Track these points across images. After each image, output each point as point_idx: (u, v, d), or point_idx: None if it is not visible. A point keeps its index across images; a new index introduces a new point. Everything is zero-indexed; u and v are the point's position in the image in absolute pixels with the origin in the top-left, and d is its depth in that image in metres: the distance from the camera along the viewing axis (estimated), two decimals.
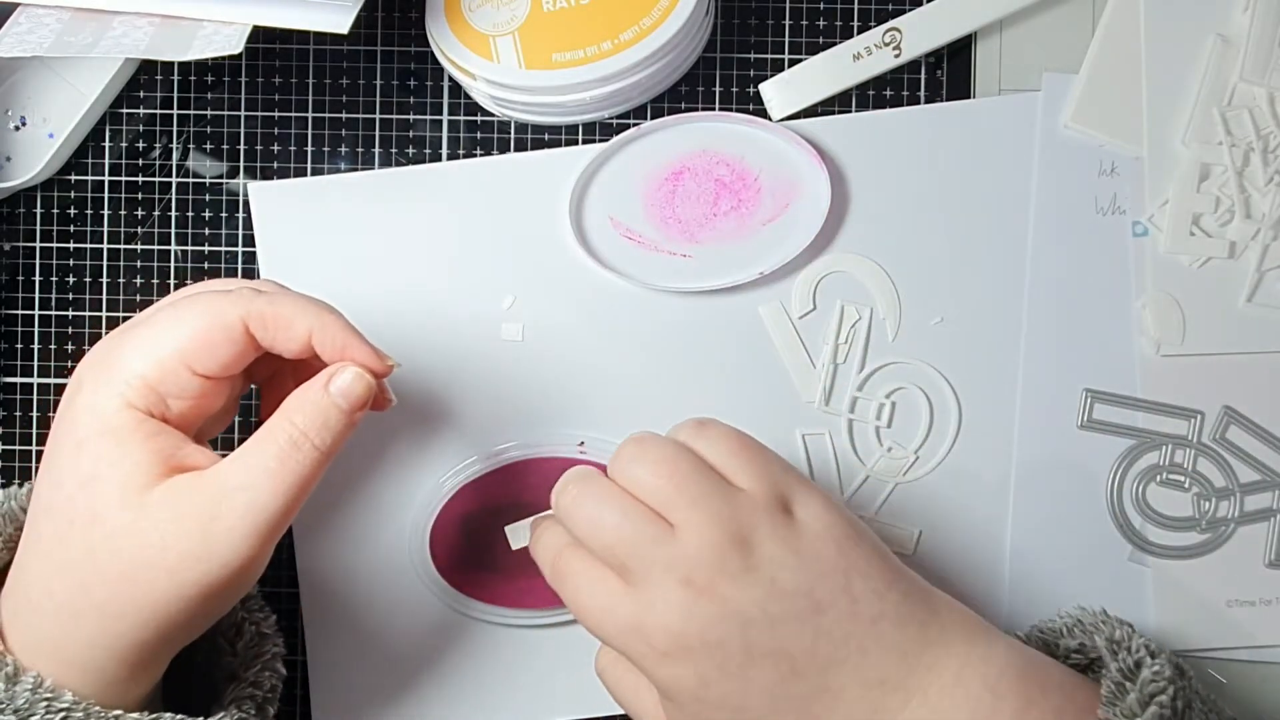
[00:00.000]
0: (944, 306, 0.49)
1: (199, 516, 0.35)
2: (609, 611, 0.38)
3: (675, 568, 0.36)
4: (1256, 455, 0.48)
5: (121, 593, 0.35)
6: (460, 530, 0.47)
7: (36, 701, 0.35)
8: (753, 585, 0.36)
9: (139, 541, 0.35)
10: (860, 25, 0.49)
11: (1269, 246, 0.48)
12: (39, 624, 0.36)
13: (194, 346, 0.36)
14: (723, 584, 0.36)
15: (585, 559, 0.38)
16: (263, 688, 0.41)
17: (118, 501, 0.35)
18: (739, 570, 0.36)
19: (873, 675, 0.36)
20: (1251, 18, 0.47)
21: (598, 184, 0.48)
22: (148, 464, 0.35)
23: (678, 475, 0.37)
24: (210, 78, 0.49)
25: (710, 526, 0.37)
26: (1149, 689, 0.37)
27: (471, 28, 0.46)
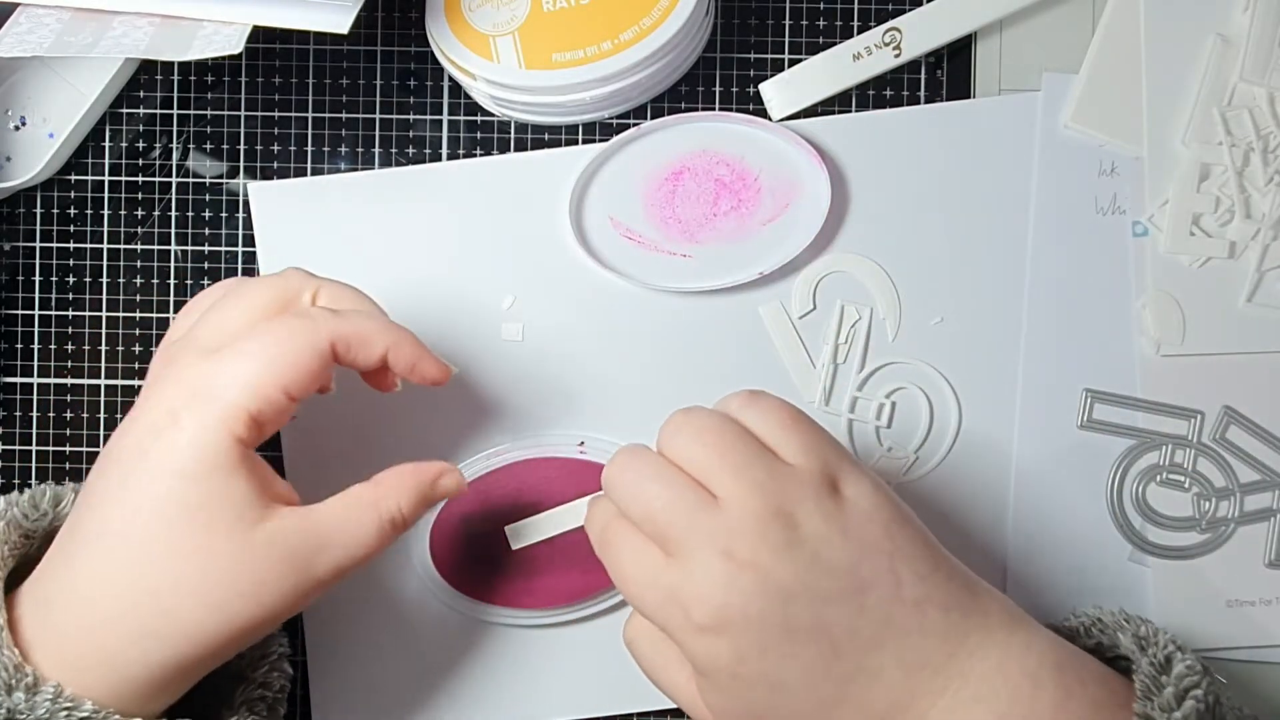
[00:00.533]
0: (944, 306, 0.49)
1: (300, 562, 0.37)
2: (650, 582, 0.37)
3: (716, 538, 0.36)
4: (1256, 455, 0.48)
5: (209, 619, 0.36)
6: (460, 530, 0.47)
7: (57, 711, 0.35)
8: (796, 560, 0.36)
9: (244, 574, 0.36)
10: (860, 25, 0.49)
11: (1269, 246, 0.48)
12: (75, 638, 0.36)
13: (293, 374, 0.37)
14: (765, 557, 0.36)
15: (629, 530, 0.38)
16: (272, 688, 0.41)
17: (226, 534, 0.36)
18: (782, 544, 0.36)
19: (913, 658, 0.36)
20: (1251, 18, 0.47)
21: (598, 184, 0.48)
22: (254, 497, 0.36)
23: (722, 445, 0.37)
24: (210, 78, 0.49)
25: (753, 497, 0.36)
26: (1184, 683, 0.36)
27: (471, 28, 0.46)
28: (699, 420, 0.38)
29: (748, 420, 0.38)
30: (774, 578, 0.36)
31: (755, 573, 0.36)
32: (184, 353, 0.38)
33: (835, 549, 0.36)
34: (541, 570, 0.47)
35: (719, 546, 0.36)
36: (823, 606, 0.36)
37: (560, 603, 0.47)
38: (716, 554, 0.36)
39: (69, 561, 0.37)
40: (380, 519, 0.38)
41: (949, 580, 0.37)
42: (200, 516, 0.36)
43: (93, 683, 0.36)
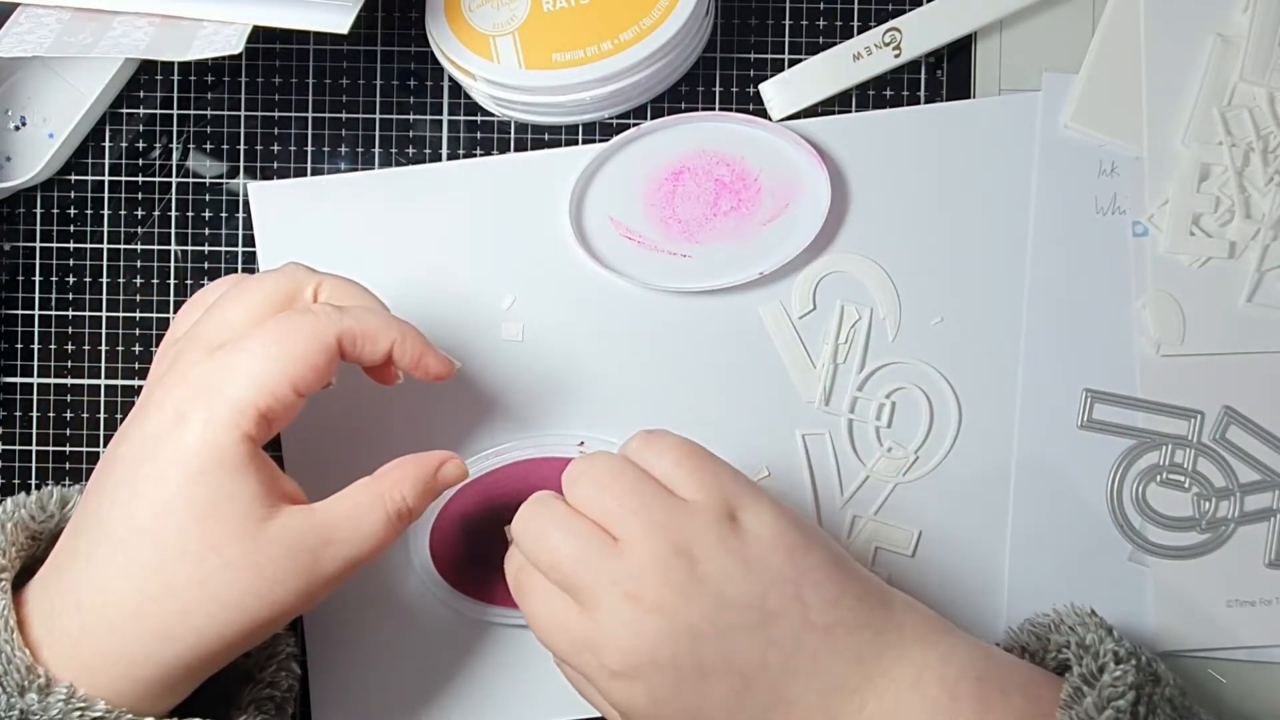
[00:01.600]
0: (944, 306, 0.49)
1: (308, 559, 0.37)
2: (561, 629, 0.37)
3: (621, 583, 0.36)
4: (1256, 455, 0.48)
5: (220, 616, 0.36)
6: (460, 530, 0.47)
7: (70, 711, 0.35)
8: (700, 598, 0.36)
9: (254, 572, 0.36)
10: (860, 25, 0.49)
11: (1269, 246, 0.48)
12: (86, 639, 0.36)
13: (302, 370, 0.37)
14: (669, 598, 0.36)
15: (539, 579, 0.39)
16: (280, 687, 0.41)
17: (236, 533, 0.36)
18: (685, 583, 0.36)
19: (828, 683, 0.36)
20: (1251, 18, 0.47)
21: (598, 184, 0.48)
22: (262, 496, 0.36)
23: (619, 488, 0.37)
24: (210, 78, 0.49)
25: (652, 539, 0.37)
26: (1107, 693, 0.37)
27: (471, 28, 0.46)
28: (599, 466, 0.38)
29: (646, 461, 0.39)
30: (680, 619, 0.36)
31: (661, 616, 0.36)
32: (189, 350, 0.38)
33: (738, 583, 0.36)
34: None
35: (623, 590, 0.36)
36: (731, 642, 0.36)
37: None
38: (622, 598, 0.36)
39: (78, 563, 0.37)
40: (386, 512, 0.38)
41: (859, 601, 0.37)
42: (210, 516, 0.36)
43: (104, 684, 0.36)
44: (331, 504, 0.38)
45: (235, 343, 0.37)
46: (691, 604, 0.36)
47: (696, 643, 0.36)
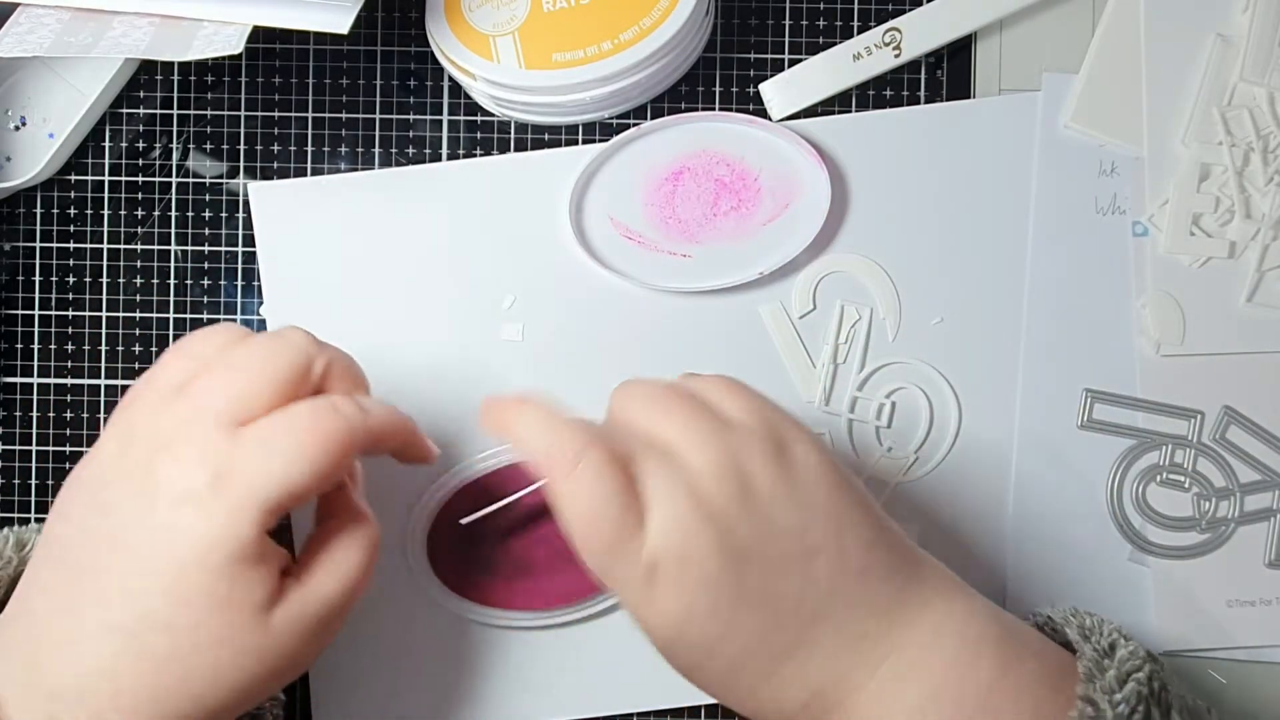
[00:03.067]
0: (944, 306, 0.49)
1: (319, 631, 0.37)
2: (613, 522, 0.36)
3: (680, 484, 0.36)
4: (1256, 455, 0.48)
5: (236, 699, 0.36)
6: (457, 532, 0.47)
7: None
8: (752, 518, 0.36)
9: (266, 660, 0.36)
10: (860, 25, 0.49)
11: (1269, 246, 0.48)
12: (72, 709, 0.35)
13: (329, 473, 0.36)
14: (726, 509, 0.35)
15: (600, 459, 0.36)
16: (271, 713, 0.42)
17: (250, 625, 0.35)
18: (739, 497, 0.36)
19: (853, 629, 0.36)
20: (1251, 18, 0.47)
21: (598, 184, 0.48)
22: (272, 583, 0.36)
23: (671, 405, 0.37)
24: (210, 78, 0.49)
25: (710, 448, 0.36)
26: (1126, 666, 0.37)
27: (471, 28, 0.46)
28: (649, 387, 0.38)
29: (691, 387, 0.39)
30: (733, 536, 0.35)
31: (716, 527, 0.35)
32: (198, 421, 0.36)
33: (786, 510, 0.36)
34: (539, 571, 0.47)
35: (685, 490, 0.35)
36: (773, 573, 0.36)
37: (558, 603, 0.47)
38: (685, 496, 0.35)
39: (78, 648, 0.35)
40: (366, 546, 0.38)
41: (890, 550, 0.37)
42: (226, 609, 0.35)
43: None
44: (320, 572, 0.37)
45: (259, 433, 0.35)
46: (743, 522, 0.35)
47: (743, 565, 0.35)
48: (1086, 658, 0.37)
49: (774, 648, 0.36)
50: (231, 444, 0.35)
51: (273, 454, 0.35)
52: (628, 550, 0.36)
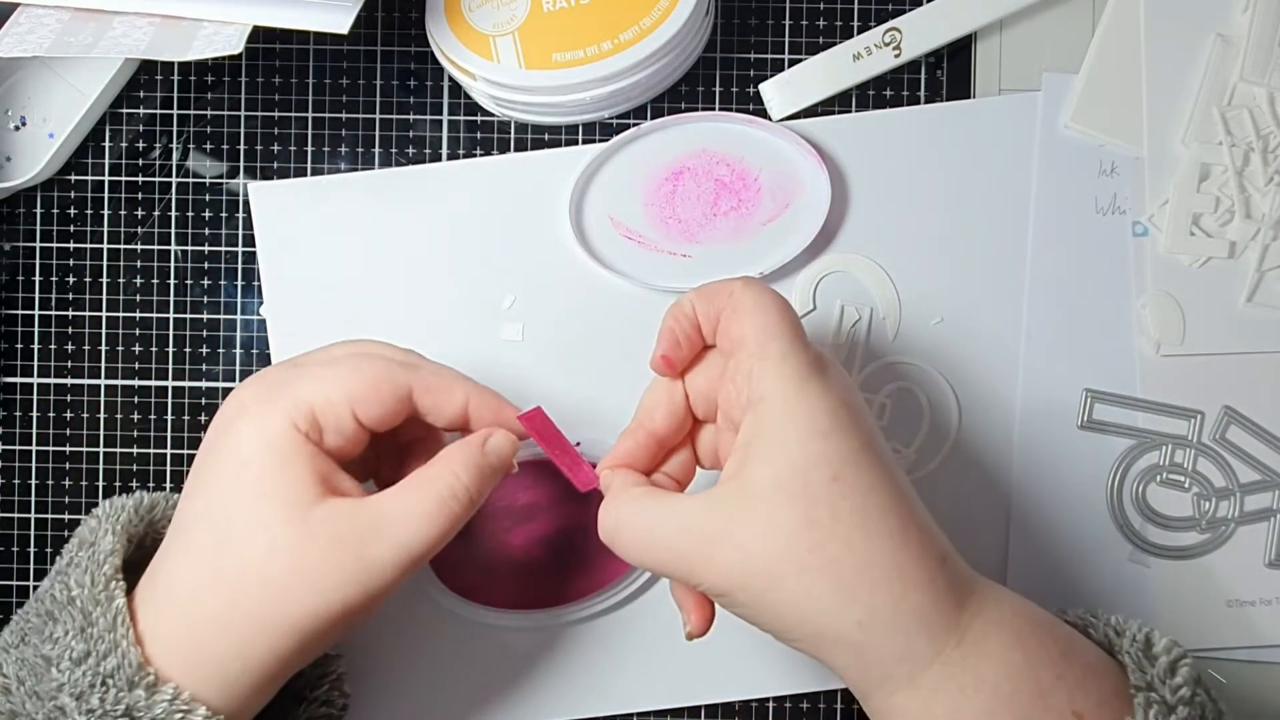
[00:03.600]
0: (944, 306, 0.49)
1: (358, 541, 0.37)
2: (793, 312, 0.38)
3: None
4: (1256, 455, 0.48)
5: (271, 604, 0.36)
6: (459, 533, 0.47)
7: (172, 713, 0.36)
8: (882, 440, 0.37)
9: (299, 555, 0.36)
10: (860, 25, 0.49)
11: (1269, 246, 0.48)
12: (183, 633, 0.37)
13: (363, 394, 0.38)
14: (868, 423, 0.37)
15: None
16: (335, 705, 0.42)
17: (282, 516, 0.36)
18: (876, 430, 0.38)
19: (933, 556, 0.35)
20: (1251, 18, 0.47)
21: (598, 184, 0.48)
22: (309, 483, 0.37)
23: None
24: (210, 78, 0.49)
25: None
26: (1174, 653, 0.36)
27: (471, 28, 0.46)
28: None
29: None
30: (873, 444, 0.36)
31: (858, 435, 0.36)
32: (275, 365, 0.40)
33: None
34: (540, 571, 0.47)
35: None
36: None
37: (558, 604, 0.47)
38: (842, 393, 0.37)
39: (167, 561, 0.38)
40: (439, 495, 0.38)
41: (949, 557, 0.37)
42: (258, 499, 0.37)
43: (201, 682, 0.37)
44: (381, 495, 0.38)
45: (308, 368, 0.39)
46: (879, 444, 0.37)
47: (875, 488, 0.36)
48: (1128, 650, 0.37)
49: (903, 483, 0.36)
50: (288, 371, 0.39)
51: (315, 371, 0.38)
52: (803, 339, 0.37)
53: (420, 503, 0.38)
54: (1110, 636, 0.38)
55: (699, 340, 0.40)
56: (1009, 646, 0.35)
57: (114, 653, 0.36)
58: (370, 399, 0.38)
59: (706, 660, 0.48)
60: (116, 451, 0.49)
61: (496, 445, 0.40)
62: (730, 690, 0.49)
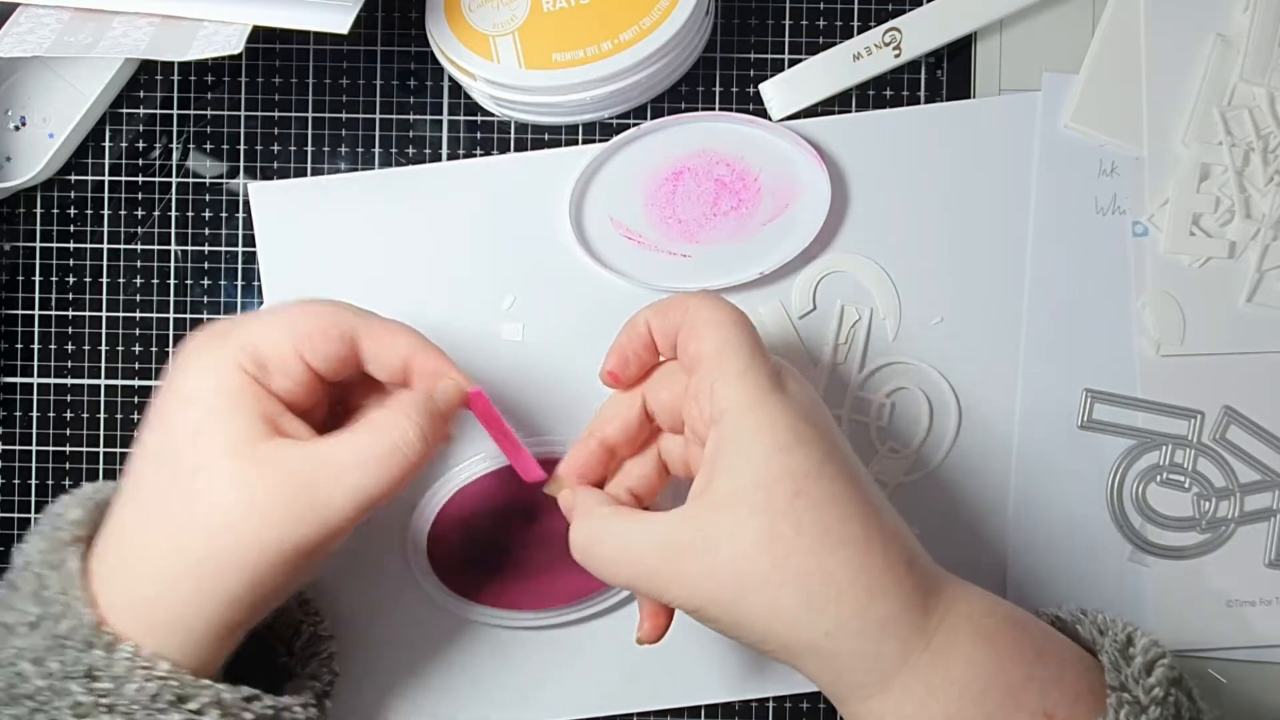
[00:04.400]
0: (944, 306, 0.49)
1: (308, 481, 0.37)
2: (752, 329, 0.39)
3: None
4: (1256, 455, 0.48)
5: (220, 547, 0.36)
6: (458, 532, 0.47)
7: (134, 670, 0.36)
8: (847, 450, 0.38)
9: (245, 493, 0.36)
10: (860, 25, 0.49)
11: (1269, 246, 0.48)
12: (135, 586, 0.37)
13: (308, 334, 0.38)
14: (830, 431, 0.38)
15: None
16: (322, 680, 0.42)
17: (228, 451, 0.37)
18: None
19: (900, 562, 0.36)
20: (1251, 18, 0.47)
21: (598, 184, 0.48)
22: (255, 422, 0.37)
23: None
24: (210, 78, 0.49)
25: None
26: (1150, 654, 0.36)
27: (471, 28, 0.46)
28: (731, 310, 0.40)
29: None
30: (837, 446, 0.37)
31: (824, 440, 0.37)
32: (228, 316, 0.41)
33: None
34: (540, 571, 0.47)
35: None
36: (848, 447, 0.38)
37: (558, 604, 0.47)
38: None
39: (117, 513, 0.38)
40: (391, 441, 0.38)
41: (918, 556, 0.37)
42: (201, 434, 0.37)
43: (159, 634, 0.37)
44: (332, 437, 0.38)
45: (258, 313, 0.40)
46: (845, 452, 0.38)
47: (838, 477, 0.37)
48: (1107, 650, 0.37)
49: (868, 492, 0.36)
50: (233, 319, 0.40)
51: (259, 321, 0.39)
52: (762, 353, 0.38)
53: (372, 445, 0.37)
54: (1094, 635, 0.38)
55: (650, 357, 0.41)
56: (977, 646, 0.35)
57: (68, 614, 0.36)
58: (315, 339, 0.39)
59: (706, 660, 0.48)
60: (116, 451, 0.49)
61: (446, 392, 0.40)
62: (730, 690, 0.49)
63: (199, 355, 0.38)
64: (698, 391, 0.38)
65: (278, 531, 0.36)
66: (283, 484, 0.36)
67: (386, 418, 0.38)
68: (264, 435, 0.37)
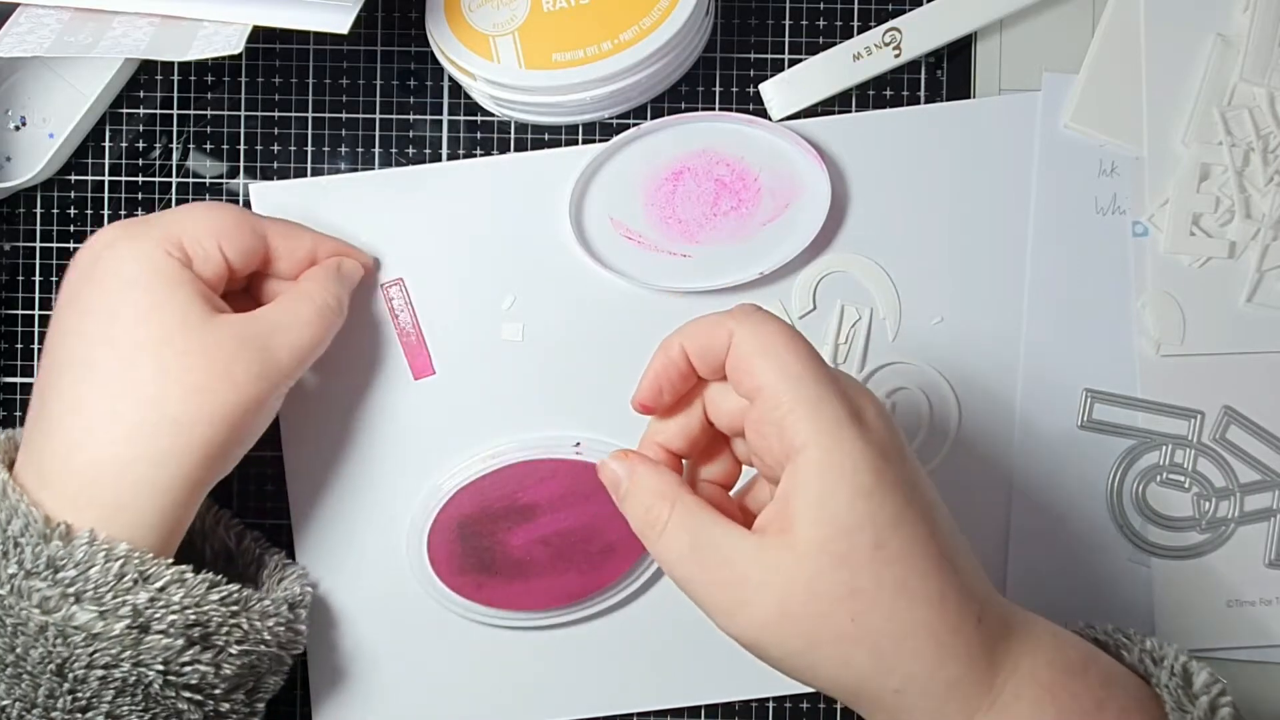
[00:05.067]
0: (944, 306, 0.49)
1: (258, 345, 0.41)
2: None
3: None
4: (1256, 455, 0.48)
5: (185, 415, 0.39)
6: (458, 533, 0.47)
7: (95, 553, 0.37)
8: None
9: (210, 357, 0.39)
10: (860, 25, 0.49)
11: (1269, 246, 0.48)
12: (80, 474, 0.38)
13: (226, 229, 0.42)
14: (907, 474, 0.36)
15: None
16: (293, 590, 0.44)
17: (184, 324, 0.40)
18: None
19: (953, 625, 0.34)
20: (1251, 18, 0.47)
21: (598, 184, 0.48)
22: (199, 300, 0.40)
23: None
24: (210, 78, 0.49)
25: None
26: (1214, 690, 0.36)
27: (471, 28, 0.46)
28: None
29: None
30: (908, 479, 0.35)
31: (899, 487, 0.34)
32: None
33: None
34: (540, 572, 0.47)
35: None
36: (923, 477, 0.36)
37: (559, 604, 0.47)
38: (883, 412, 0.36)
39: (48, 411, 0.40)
40: (317, 305, 0.43)
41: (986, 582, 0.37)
42: (154, 312, 0.39)
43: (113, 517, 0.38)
44: (267, 308, 0.42)
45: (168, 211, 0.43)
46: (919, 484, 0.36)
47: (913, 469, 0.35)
48: (1168, 687, 0.36)
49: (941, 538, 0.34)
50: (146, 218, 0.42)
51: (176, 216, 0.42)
52: (830, 377, 0.35)
53: (304, 310, 0.43)
54: (1147, 665, 0.38)
55: (687, 384, 0.38)
56: (1041, 703, 0.35)
57: (15, 516, 0.37)
58: (233, 233, 0.42)
59: (707, 660, 0.48)
60: None
61: (350, 266, 0.46)
62: (730, 690, 0.49)
63: (130, 243, 0.40)
64: (761, 424, 0.35)
65: (244, 389, 0.40)
66: (246, 346, 0.40)
67: (310, 288, 0.43)
68: (210, 313, 0.40)
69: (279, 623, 0.42)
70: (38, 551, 0.37)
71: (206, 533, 0.46)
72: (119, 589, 0.37)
